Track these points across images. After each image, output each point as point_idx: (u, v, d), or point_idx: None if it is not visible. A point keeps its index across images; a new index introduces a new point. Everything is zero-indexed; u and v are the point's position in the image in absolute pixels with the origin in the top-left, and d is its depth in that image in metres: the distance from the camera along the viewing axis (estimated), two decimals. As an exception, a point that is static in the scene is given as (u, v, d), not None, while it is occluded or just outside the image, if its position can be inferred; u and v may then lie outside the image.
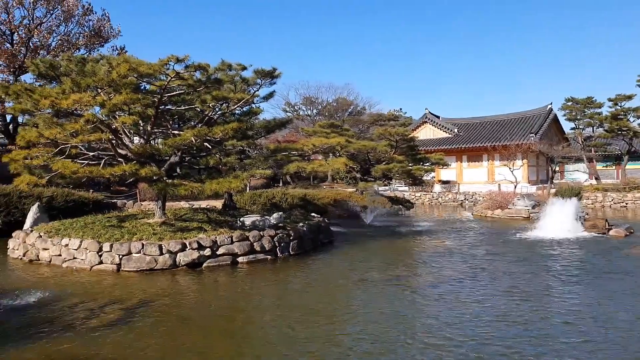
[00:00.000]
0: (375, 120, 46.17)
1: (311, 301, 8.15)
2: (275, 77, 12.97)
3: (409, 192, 34.42)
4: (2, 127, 25.54)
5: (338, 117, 45.37)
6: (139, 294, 8.52)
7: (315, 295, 8.64)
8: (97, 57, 13.59)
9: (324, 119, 41.53)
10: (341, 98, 48.09)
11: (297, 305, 7.82)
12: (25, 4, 23.93)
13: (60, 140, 10.90)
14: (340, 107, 47.83)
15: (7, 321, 6.97)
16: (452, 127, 40.94)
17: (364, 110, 50.06)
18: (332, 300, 8.30)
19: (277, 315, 7.35)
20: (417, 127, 42.51)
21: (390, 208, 22.25)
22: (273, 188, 25.68)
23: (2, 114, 24.79)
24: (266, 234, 11.83)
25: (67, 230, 11.92)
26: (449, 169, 35.71)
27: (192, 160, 14.05)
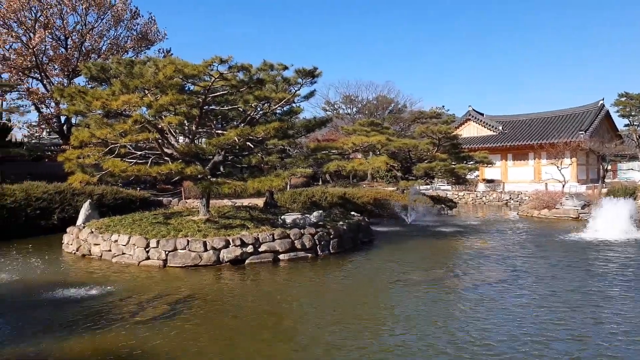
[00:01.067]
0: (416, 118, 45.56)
1: (350, 300, 8.15)
2: (315, 76, 13.04)
3: (451, 191, 33.77)
4: (57, 128, 26.86)
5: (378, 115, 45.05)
6: (185, 289, 8.78)
7: (354, 294, 8.63)
8: (144, 59, 14.07)
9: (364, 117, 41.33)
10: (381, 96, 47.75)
11: (336, 305, 7.84)
12: (78, 10, 25.06)
13: (111, 140, 11.37)
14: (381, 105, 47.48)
15: (63, 312, 7.35)
16: (496, 125, 39.85)
17: (404, 108, 49.50)
18: (371, 301, 8.27)
19: (316, 314, 7.40)
20: (460, 125, 41.62)
21: (432, 207, 21.90)
22: (312, 186, 25.80)
23: (57, 115, 26.06)
24: (307, 232, 11.92)
25: (117, 227, 12.41)
26: (494, 167, 34.75)
27: (234, 159, 14.32)
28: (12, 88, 23.78)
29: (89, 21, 25.80)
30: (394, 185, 27.67)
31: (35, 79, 25.65)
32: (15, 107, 25.73)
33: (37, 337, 6.27)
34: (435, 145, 22.77)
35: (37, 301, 7.98)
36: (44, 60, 24.83)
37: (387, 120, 41.74)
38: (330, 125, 32.12)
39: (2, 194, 15.78)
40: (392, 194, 22.18)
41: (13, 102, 25.96)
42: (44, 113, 25.91)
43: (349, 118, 46.79)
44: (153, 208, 17.95)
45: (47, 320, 6.98)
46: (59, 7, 24.27)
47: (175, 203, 21.26)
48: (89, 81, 17.75)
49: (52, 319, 7.05)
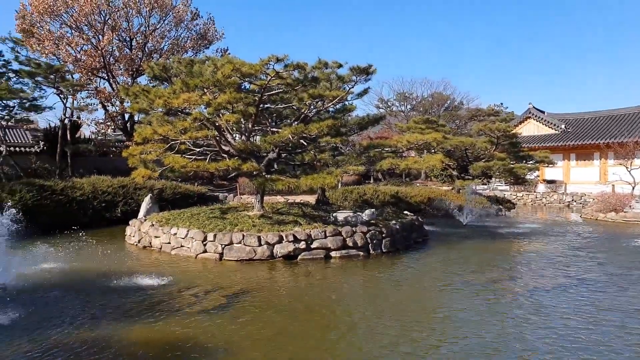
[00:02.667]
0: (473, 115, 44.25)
1: (402, 301, 8.06)
2: (370, 73, 12.96)
3: (509, 191, 32.56)
4: (121, 125, 28.27)
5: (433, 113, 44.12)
6: (240, 283, 9.01)
7: (406, 295, 8.53)
8: (204, 58, 14.53)
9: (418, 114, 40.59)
10: (437, 93, 46.68)
11: (387, 305, 7.78)
12: (142, 12, 26.23)
13: (171, 137, 11.84)
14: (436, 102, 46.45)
15: (126, 300, 7.74)
16: (558, 123, 37.98)
17: (461, 105, 48.17)
18: (423, 302, 8.15)
19: (366, 314, 7.36)
20: (520, 123, 40.02)
21: (489, 208, 21.21)
22: (364, 185, 25.68)
23: (121, 113, 27.42)
24: (358, 230, 11.89)
25: (176, 220, 12.91)
26: (555, 167, 33.18)
27: (288, 157, 14.51)
28: (82, 87, 25.29)
29: (152, 23, 26.95)
30: (449, 184, 27.04)
31: (103, 79, 27.12)
32: (84, 106, 27.36)
33: (100, 322, 6.64)
34: (494, 143, 22.02)
35: (103, 289, 8.44)
36: (111, 60, 26.20)
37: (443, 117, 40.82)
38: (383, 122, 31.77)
39: (73, 187, 16.82)
40: (447, 194, 21.69)
41: (83, 101, 27.61)
42: (110, 111, 27.33)
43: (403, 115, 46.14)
44: (210, 203, 18.53)
45: (112, 307, 7.38)
46: (125, 10, 25.51)
47: (231, 198, 21.83)
48: (152, 80, 18.58)
49: (116, 306, 7.44)
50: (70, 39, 24.62)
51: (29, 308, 7.20)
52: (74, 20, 24.64)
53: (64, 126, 24.43)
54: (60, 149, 23.95)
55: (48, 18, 24.51)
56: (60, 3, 23.99)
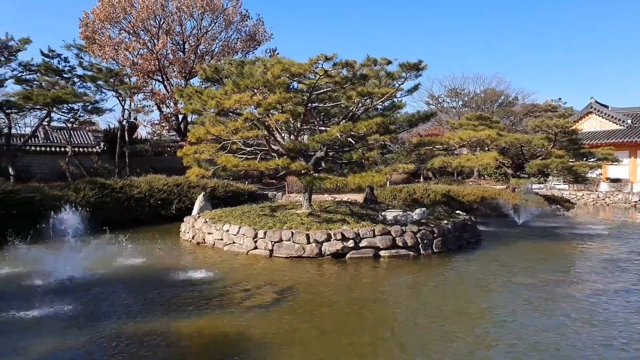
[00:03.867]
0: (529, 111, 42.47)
1: (452, 302, 7.87)
2: (420, 69, 12.73)
3: (568, 190, 31.04)
4: (175, 126, 29.25)
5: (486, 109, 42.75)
6: (289, 279, 9.11)
7: (457, 295, 8.32)
8: (254, 59, 14.77)
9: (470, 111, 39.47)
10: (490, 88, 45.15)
11: (438, 306, 7.61)
12: (195, 16, 27.03)
13: (223, 137, 12.13)
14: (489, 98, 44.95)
15: (180, 294, 8.01)
16: (624, 118, 35.78)
17: (515, 100, 46.37)
18: (475, 303, 7.91)
19: (415, 314, 7.24)
20: (580, 119, 38.04)
21: (546, 208, 20.31)
22: (414, 183, 25.28)
23: (175, 114, 28.38)
24: (408, 230, 11.71)
25: (228, 218, 13.22)
26: (620, 165, 31.26)
27: (335, 155, 14.52)
28: (139, 90, 26.40)
29: (204, 25, 27.71)
30: (503, 183, 26.15)
31: (158, 81, 28.19)
32: (141, 107, 28.56)
33: (157, 315, 6.91)
34: (551, 140, 21.05)
35: (160, 283, 8.78)
36: (165, 63, 27.16)
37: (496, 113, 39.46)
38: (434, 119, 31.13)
39: (131, 185, 17.59)
40: (501, 193, 20.96)
41: (139, 103, 28.82)
42: (165, 112, 28.37)
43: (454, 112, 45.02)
44: (259, 201, 18.87)
45: (168, 300, 7.66)
46: (178, 14, 26.38)
47: (279, 197, 22.11)
48: (204, 82, 19.08)
49: (172, 299, 7.72)
50: (128, 44, 25.77)
51: (92, 299, 7.60)
52: (131, 26, 25.75)
53: (122, 127, 25.59)
54: (119, 149, 25.11)
55: (108, 25, 25.76)
56: (119, 10, 25.14)
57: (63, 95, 20.03)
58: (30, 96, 19.88)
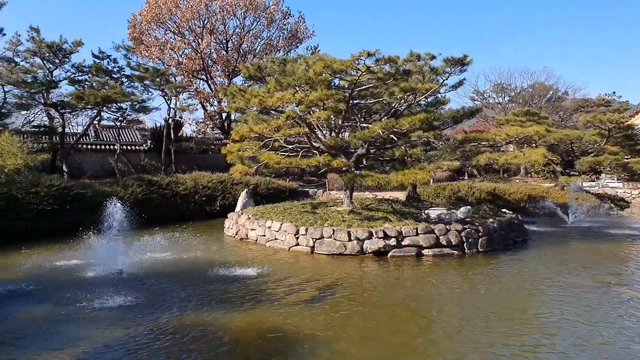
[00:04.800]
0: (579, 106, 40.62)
1: (497, 303, 7.63)
2: (465, 64, 12.41)
3: (622, 189, 29.47)
4: (219, 124, 29.84)
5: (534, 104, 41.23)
6: (331, 276, 9.11)
7: (502, 296, 8.06)
8: (296, 57, 14.83)
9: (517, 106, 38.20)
10: (538, 83, 43.46)
11: (480, 306, 7.40)
12: (237, 15, 27.45)
13: (266, 134, 12.25)
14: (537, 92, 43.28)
15: (225, 288, 8.16)
16: (684, 112, 33.70)
17: (565, 95, 44.44)
18: (521, 305, 7.63)
19: (457, 313, 7.06)
20: (637, 113, 36.11)
21: (598, 207, 19.40)
22: (458, 181, 24.73)
23: (219, 113, 28.94)
24: (453, 228, 11.47)
25: (270, 214, 13.37)
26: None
27: (377, 152, 14.39)
28: (184, 89, 27.09)
29: (246, 24, 28.10)
30: (551, 181, 25.17)
31: (202, 80, 28.81)
32: (186, 106, 29.24)
33: (203, 308, 7.07)
34: (604, 136, 20.09)
35: (205, 277, 8.98)
36: (209, 62, 27.73)
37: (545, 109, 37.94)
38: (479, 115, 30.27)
39: (176, 182, 18.08)
40: (550, 191, 20.19)
41: (184, 102, 29.57)
42: (209, 111, 28.96)
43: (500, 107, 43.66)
44: (300, 198, 18.96)
45: (213, 294, 7.82)
46: (222, 13, 26.85)
47: (320, 194, 22.15)
48: (246, 80, 19.34)
49: (217, 293, 7.88)
50: (173, 44, 26.46)
51: (141, 292, 7.85)
52: (176, 26, 26.44)
53: (168, 125, 26.31)
54: (165, 147, 25.84)
55: (154, 26, 26.56)
56: (165, 11, 25.85)
57: (112, 95, 20.81)
58: (82, 96, 20.76)
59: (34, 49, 21.38)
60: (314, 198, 20.03)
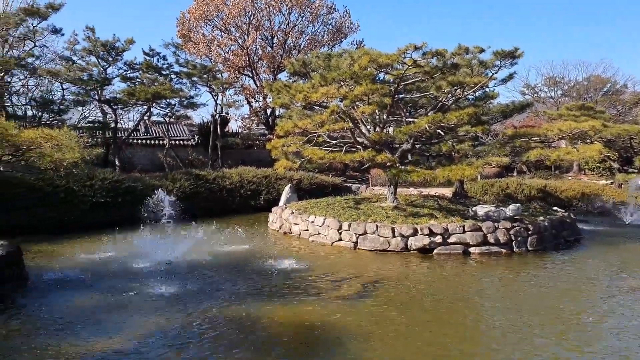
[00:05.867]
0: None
1: (546, 304, 7.30)
2: (516, 57, 11.97)
3: (687, 187, 27.72)
4: (263, 120, 30.22)
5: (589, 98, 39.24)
6: (374, 272, 9.05)
7: (552, 297, 7.70)
8: (340, 52, 14.78)
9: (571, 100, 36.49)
10: (594, 76, 41.29)
11: (528, 307, 7.13)
12: (282, 10, 27.64)
13: (310, 130, 12.29)
14: (592, 86, 41.12)
15: (269, 281, 8.26)
16: None
17: (624, 88, 42.00)
18: (571, 307, 7.27)
19: (504, 313, 6.83)
20: (702, 107, 33.77)
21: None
22: (506, 177, 23.95)
23: (264, 108, 29.31)
24: (501, 226, 11.12)
25: (313, 209, 13.42)
26: None
27: (422, 148, 14.15)
28: (230, 85, 27.61)
29: (291, 20, 28.27)
30: (607, 178, 23.96)
31: (248, 76, 29.26)
32: (232, 102, 29.81)
33: (248, 301, 7.19)
34: (667, 131, 18.90)
35: (249, 270, 9.13)
36: (255, 59, 28.12)
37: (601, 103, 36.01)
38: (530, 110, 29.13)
39: (223, 177, 18.47)
40: (605, 189, 19.22)
41: (230, 98, 30.13)
42: (254, 107, 29.41)
43: (552, 102, 41.87)
44: (343, 193, 18.95)
45: (257, 287, 7.94)
46: (267, 9, 27.15)
47: (363, 190, 22.03)
48: (291, 76, 19.47)
49: (261, 286, 8.00)
50: (220, 41, 27.00)
51: (188, 283, 8.07)
52: (223, 23, 26.93)
53: (214, 121, 26.90)
54: (211, 142, 26.44)
55: (202, 23, 27.16)
56: (212, 8, 26.38)
57: (162, 91, 21.45)
58: (133, 93, 21.52)
59: (90, 47, 22.32)
60: (357, 194, 19.94)
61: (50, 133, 9.76)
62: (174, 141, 28.05)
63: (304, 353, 5.48)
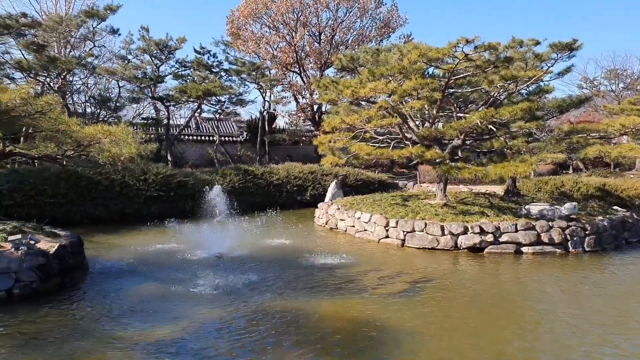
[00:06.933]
0: None
1: (603, 308, 6.94)
2: (574, 49, 11.48)
3: None
4: (310, 116, 30.38)
5: (654, 92, 36.98)
6: (422, 270, 8.92)
7: (610, 302, 7.30)
8: (389, 46, 14.60)
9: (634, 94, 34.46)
10: (660, 68, 38.96)
11: (584, 310, 6.82)
12: (330, 6, 27.63)
13: (357, 126, 12.23)
14: (659, 78, 38.77)
15: (315, 276, 8.32)
16: None
17: (694, 80, 39.35)
18: (631, 313, 6.88)
19: (558, 316, 6.55)
20: None
21: None
22: (561, 175, 22.94)
23: (310, 105, 29.44)
24: (556, 225, 10.69)
25: (359, 205, 13.38)
26: None
27: (473, 144, 13.79)
28: (278, 82, 27.95)
29: (339, 16, 28.21)
30: (673, 176, 22.47)
31: (295, 73, 29.47)
32: (279, 99, 30.19)
33: (297, 294, 7.27)
34: None
35: (298, 264, 9.23)
36: (302, 55, 28.28)
37: (666, 96, 33.88)
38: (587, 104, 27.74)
39: (270, 172, 18.74)
40: (671, 188, 18.03)
41: (278, 94, 30.50)
42: (301, 103, 29.61)
43: (613, 96, 39.70)
44: (389, 190, 18.76)
45: (306, 281, 8.02)
46: (315, 5, 27.21)
47: (410, 186, 21.73)
48: (338, 72, 19.45)
49: (309, 280, 8.08)
50: (268, 38, 27.34)
51: (237, 276, 8.25)
52: (271, 20, 27.24)
53: (262, 118, 27.30)
54: (259, 138, 26.87)
55: (251, 20, 27.58)
56: (261, 6, 26.74)
57: (212, 89, 21.98)
58: (185, 90, 22.19)
59: (144, 46, 23.18)
60: (404, 190, 19.71)
61: (108, 129, 10.19)
62: (223, 137, 28.70)
63: (350, 347, 5.47)
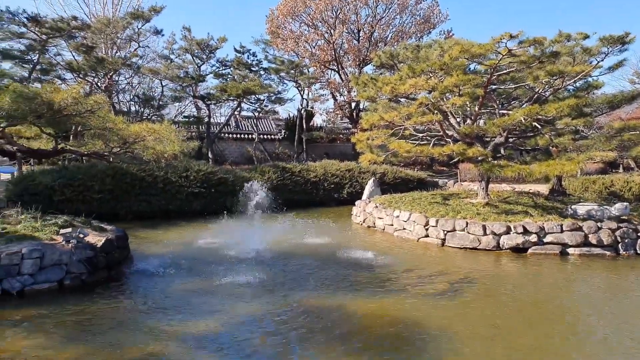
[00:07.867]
0: None
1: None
2: (626, 42, 10.92)
3: None
4: (347, 113, 30.32)
5: None
6: (464, 270, 8.74)
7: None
8: (430, 42, 14.38)
9: (691, 89, 32.61)
10: None
11: (634, 315, 6.50)
12: (369, 3, 27.46)
13: (396, 123, 12.11)
14: None
15: (354, 274, 8.30)
16: None
17: None
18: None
19: (604, 321, 6.27)
20: None
21: None
22: (611, 174, 21.96)
23: (348, 102, 29.39)
24: (605, 226, 10.25)
25: (397, 204, 13.25)
26: None
27: (516, 141, 13.39)
28: (316, 80, 28.05)
29: (378, 12, 28.02)
30: None
31: (333, 70, 29.51)
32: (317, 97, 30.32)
33: (333, 291, 7.29)
34: None
35: (336, 262, 9.23)
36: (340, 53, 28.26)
37: None
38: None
39: (307, 169, 18.84)
40: None
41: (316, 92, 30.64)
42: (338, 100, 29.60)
43: (668, 91, 37.78)
44: (429, 188, 18.49)
45: (342, 278, 8.01)
46: (354, 3, 27.13)
47: (451, 185, 21.35)
48: (377, 69, 19.31)
49: (346, 278, 8.06)
50: (307, 36, 27.46)
51: (276, 272, 8.34)
52: (310, 18, 27.35)
53: (300, 116, 27.48)
54: (297, 136, 27.07)
55: (290, 19, 27.80)
56: (300, 4, 26.89)
57: (252, 87, 22.30)
58: (225, 89, 22.60)
59: (186, 46, 23.76)
60: (444, 189, 19.39)
61: (153, 127, 10.52)
62: (262, 135, 29.06)
63: (388, 346, 5.43)
